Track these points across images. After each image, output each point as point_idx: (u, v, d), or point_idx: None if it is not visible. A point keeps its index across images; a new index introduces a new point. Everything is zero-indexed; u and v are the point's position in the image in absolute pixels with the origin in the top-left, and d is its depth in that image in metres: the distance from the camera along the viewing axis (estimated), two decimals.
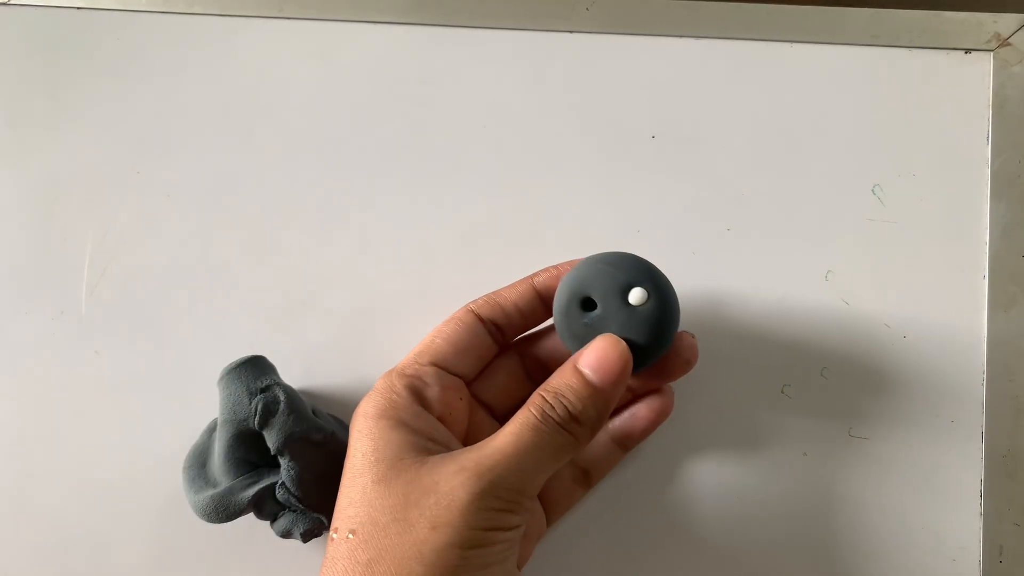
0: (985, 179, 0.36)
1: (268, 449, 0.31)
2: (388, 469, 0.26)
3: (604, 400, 0.28)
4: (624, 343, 0.28)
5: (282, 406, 0.31)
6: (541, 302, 0.32)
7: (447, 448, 0.28)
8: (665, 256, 0.36)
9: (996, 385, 0.35)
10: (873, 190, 0.36)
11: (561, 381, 0.28)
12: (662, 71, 0.37)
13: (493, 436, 0.27)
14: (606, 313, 0.29)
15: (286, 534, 0.32)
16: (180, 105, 0.38)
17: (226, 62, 0.38)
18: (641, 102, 0.37)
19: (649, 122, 0.37)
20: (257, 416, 0.31)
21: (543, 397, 0.28)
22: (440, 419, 0.30)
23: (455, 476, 0.26)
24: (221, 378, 0.32)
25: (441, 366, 0.30)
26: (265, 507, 0.31)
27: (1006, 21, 0.37)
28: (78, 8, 0.39)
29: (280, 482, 0.31)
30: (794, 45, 0.37)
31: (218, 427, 0.32)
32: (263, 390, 0.31)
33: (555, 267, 0.32)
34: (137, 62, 0.38)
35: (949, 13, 0.37)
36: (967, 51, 0.37)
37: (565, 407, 0.27)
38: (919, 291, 0.35)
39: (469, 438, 0.31)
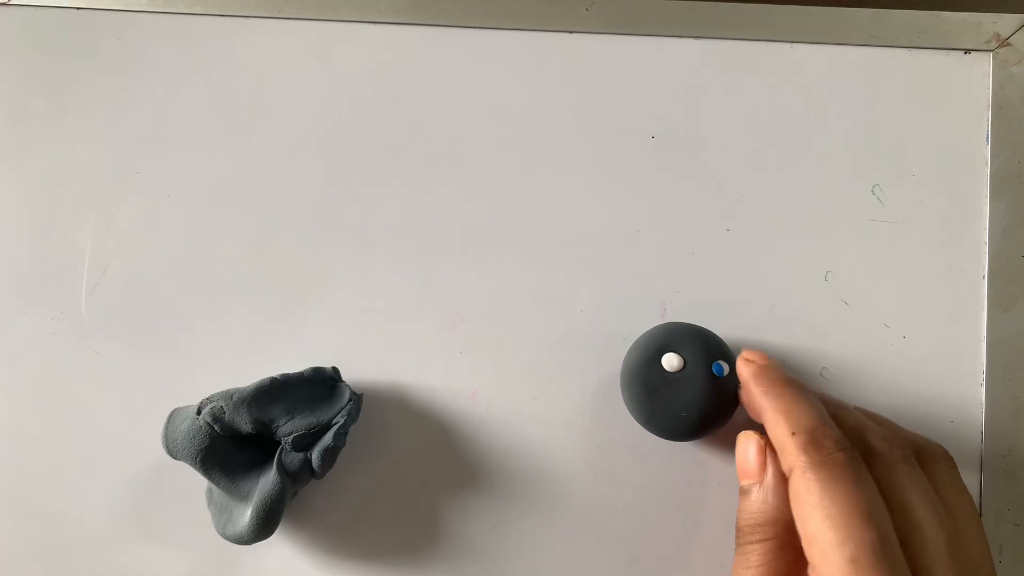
0: (985, 179, 0.36)
1: (239, 450, 0.33)
2: None
3: None
4: None
5: (222, 404, 0.32)
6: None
7: None
8: (665, 256, 0.36)
9: (996, 385, 0.35)
10: (873, 190, 0.36)
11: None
12: (662, 71, 0.37)
13: None
14: (693, 373, 0.31)
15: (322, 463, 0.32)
16: (180, 105, 0.38)
17: (226, 62, 0.38)
18: (641, 102, 0.37)
19: (649, 122, 0.37)
20: (218, 424, 0.32)
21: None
22: None
23: None
24: (163, 437, 0.32)
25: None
26: (289, 470, 0.32)
27: (1006, 21, 0.37)
28: (78, 8, 0.39)
29: (293, 436, 0.32)
30: (794, 45, 0.37)
31: (193, 466, 0.32)
32: (198, 412, 0.32)
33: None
34: (137, 62, 0.38)
35: (949, 13, 0.37)
36: (967, 51, 0.37)
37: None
38: (919, 291, 0.35)
39: None
